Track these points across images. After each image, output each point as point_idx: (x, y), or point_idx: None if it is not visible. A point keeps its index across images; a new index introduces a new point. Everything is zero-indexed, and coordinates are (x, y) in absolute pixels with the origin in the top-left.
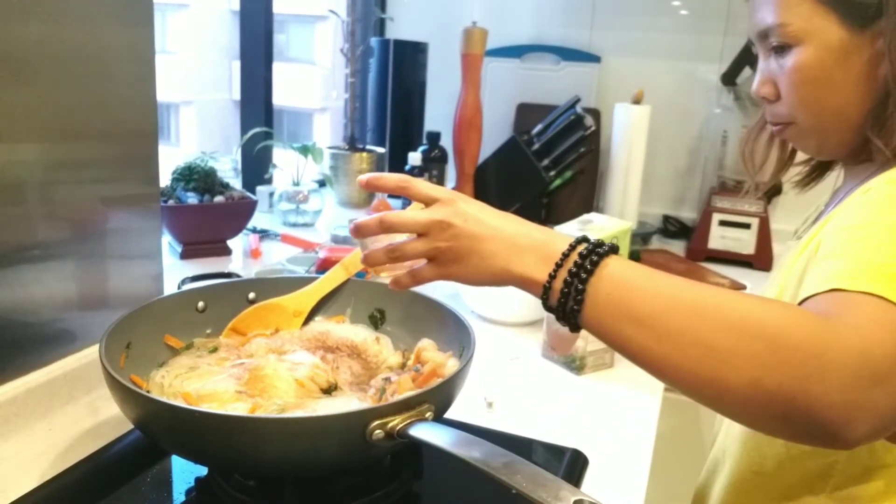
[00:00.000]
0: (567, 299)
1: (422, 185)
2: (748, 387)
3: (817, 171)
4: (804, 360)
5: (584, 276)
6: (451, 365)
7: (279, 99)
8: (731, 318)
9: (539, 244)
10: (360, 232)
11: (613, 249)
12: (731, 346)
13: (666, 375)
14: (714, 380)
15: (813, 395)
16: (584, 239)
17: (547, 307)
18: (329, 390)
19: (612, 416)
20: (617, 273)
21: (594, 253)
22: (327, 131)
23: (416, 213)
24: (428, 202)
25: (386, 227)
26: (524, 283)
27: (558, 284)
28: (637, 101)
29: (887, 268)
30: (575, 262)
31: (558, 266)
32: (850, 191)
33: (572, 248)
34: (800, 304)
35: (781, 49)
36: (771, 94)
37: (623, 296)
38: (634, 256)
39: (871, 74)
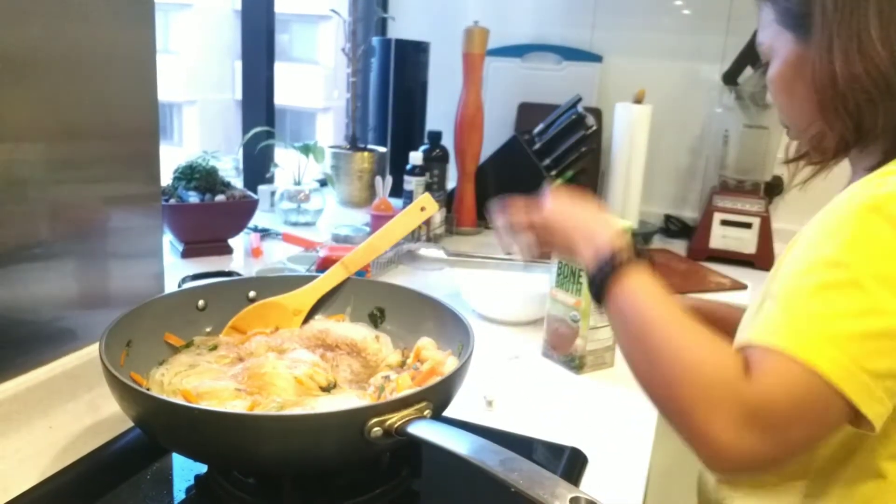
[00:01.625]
0: (596, 290)
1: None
2: (663, 388)
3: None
4: (704, 390)
5: (607, 276)
6: (450, 363)
7: (282, 98)
8: (680, 346)
9: (592, 237)
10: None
11: (637, 255)
12: (664, 364)
13: (627, 359)
14: (649, 369)
15: (697, 420)
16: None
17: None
18: (328, 388)
19: (611, 415)
20: (632, 281)
21: (617, 261)
22: (330, 131)
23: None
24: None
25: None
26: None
27: (595, 276)
28: (638, 101)
29: (803, 324)
30: (603, 266)
31: (599, 263)
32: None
33: (604, 254)
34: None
35: (766, 65)
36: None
37: (620, 301)
38: None
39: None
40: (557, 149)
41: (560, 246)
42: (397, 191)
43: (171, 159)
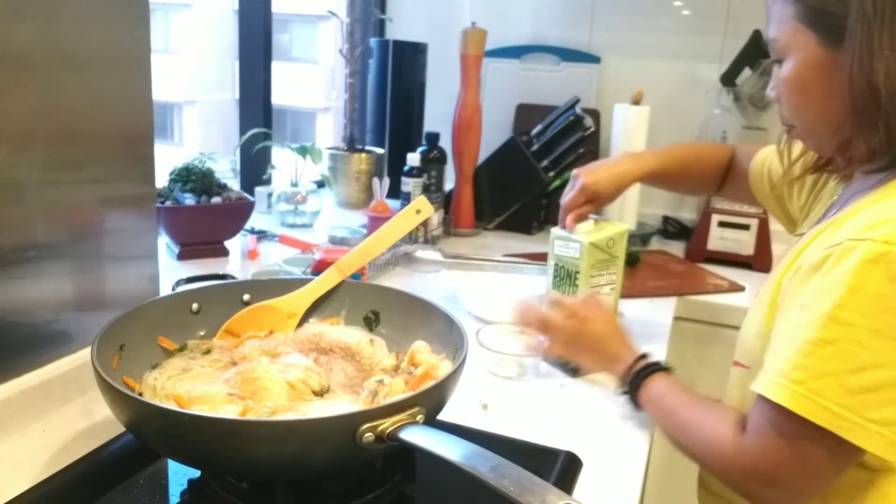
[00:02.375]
0: (630, 399)
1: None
2: (693, 458)
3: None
4: (716, 463)
5: (635, 387)
6: (444, 367)
7: (282, 99)
8: (691, 429)
9: (620, 364)
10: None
11: (656, 368)
12: (687, 442)
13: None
14: (684, 450)
15: (730, 484)
16: (641, 357)
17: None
18: (321, 393)
19: (607, 420)
20: (651, 389)
21: (640, 374)
22: (330, 131)
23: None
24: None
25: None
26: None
27: (625, 390)
28: (636, 102)
29: (789, 377)
30: (630, 380)
31: (626, 378)
32: (854, 196)
33: (629, 373)
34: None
35: (777, 61)
36: (777, 100)
37: (651, 400)
38: (634, 258)
39: (846, 88)
40: (555, 150)
41: (587, 362)
42: (395, 192)
43: (171, 159)
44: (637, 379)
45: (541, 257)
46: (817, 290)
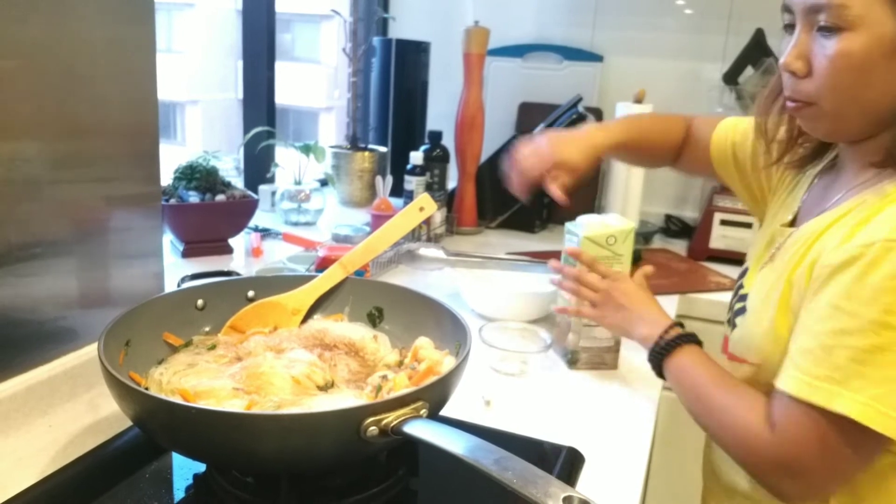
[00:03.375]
0: (654, 365)
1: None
2: (715, 439)
3: (816, 153)
4: (739, 448)
5: (663, 355)
6: (447, 363)
7: (285, 98)
8: (719, 412)
9: (650, 327)
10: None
11: (688, 339)
12: (711, 423)
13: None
14: (706, 429)
15: (747, 469)
16: (676, 325)
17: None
18: (326, 387)
19: (609, 416)
20: (678, 361)
21: (672, 342)
22: (332, 130)
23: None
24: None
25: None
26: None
27: (651, 355)
28: (639, 101)
29: (827, 381)
30: (660, 346)
31: (656, 343)
32: (857, 187)
33: (661, 337)
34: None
35: (829, 30)
36: (801, 71)
37: (676, 372)
38: (635, 256)
39: None
40: None
41: (615, 321)
42: (398, 190)
43: (174, 159)
44: (666, 348)
45: (543, 255)
46: (857, 295)
